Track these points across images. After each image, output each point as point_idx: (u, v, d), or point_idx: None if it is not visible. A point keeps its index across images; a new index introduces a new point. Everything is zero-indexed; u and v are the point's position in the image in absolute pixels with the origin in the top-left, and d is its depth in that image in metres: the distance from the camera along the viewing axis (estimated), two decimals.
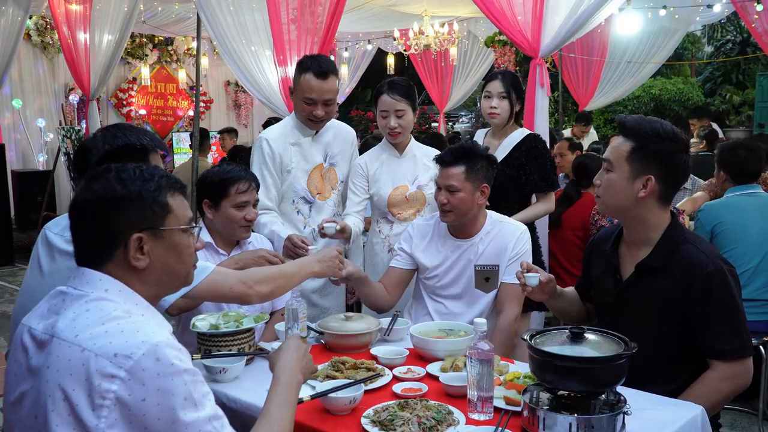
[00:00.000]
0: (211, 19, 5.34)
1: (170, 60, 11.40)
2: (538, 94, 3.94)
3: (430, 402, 1.93)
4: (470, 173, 2.72)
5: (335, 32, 4.85)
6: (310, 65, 3.08)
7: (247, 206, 2.78)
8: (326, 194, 3.27)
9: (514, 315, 2.74)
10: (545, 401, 1.80)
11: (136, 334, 1.33)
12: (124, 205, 1.44)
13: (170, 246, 1.50)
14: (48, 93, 10.07)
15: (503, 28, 4.03)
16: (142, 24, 8.86)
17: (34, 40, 9.76)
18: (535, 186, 3.41)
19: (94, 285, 1.43)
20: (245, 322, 2.40)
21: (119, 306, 1.40)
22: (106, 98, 10.79)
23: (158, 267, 1.48)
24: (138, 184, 1.47)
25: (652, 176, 2.10)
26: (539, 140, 3.49)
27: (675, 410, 1.95)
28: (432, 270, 2.86)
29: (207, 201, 2.79)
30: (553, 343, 1.82)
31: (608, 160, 2.19)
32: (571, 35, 3.88)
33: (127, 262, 1.45)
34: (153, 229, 1.46)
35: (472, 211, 2.76)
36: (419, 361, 2.35)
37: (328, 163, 3.28)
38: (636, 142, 2.12)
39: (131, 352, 1.30)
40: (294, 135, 3.22)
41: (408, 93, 3.24)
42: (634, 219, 2.20)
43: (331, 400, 1.94)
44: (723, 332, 2.07)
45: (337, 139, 3.31)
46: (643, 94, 14.11)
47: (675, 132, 2.12)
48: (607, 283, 2.31)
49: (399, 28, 8.52)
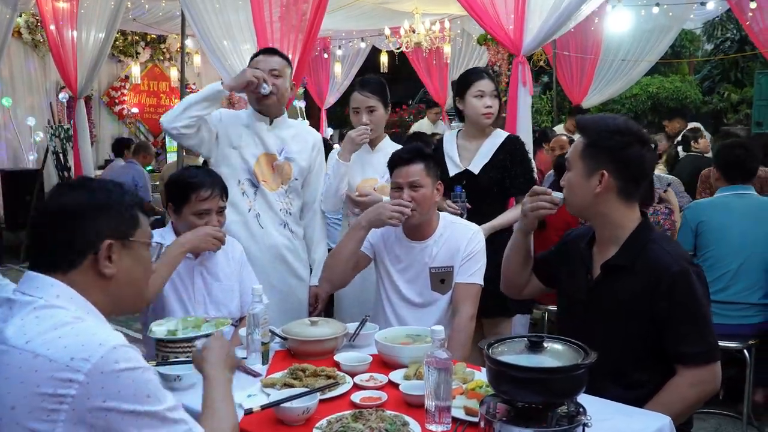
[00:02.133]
0: (195, 17, 5.31)
1: (163, 58, 11.34)
2: (521, 93, 3.86)
3: (385, 412, 1.87)
4: (428, 170, 2.75)
5: (318, 30, 4.78)
6: (259, 51, 3.28)
7: (209, 214, 2.69)
8: (273, 185, 3.18)
9: (470, 314, 2.72)
10: (503, 413, 1.73)
11: (92, 336, 1.33)
12: (102, 211, 1.48)
13: (136, 258, 1.54)
14: (39, 91, 10.01)
15: (485, 26, 3.97)
16: (132, 22, 8.80)
17: (25, 38, 9.70)
18: (520, 188, 3.33)
19: (44, 290, 1.41)
20: (204, 328, 2.34)
21: (70, 312, 1.39)
22: (98, 96, 10.73)
23: (123, 277, 1.51)
24: (117, 195, 1.53)
25: (604, 171, 2.07)
26: (520, 142, 3.43)
27: (640, 420, 1.89)
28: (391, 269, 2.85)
29: (170, 204, 2.72)
30: (511, 353, 1.75)
31: (567, 159, 2.18)
32: (553, 33, 3.82)
33: (96, 269, 1.47)
34: (123, 238, 1.50)
35: (431, 210, 2.77)
36: (383, 368, 2.29)
37: (283, 156, 3.19)
38: (587, 139, 2.11)
39: (89, 354, 1.29)
40: (248, 119, 3.20)
41: (379, 90, 3.27)
42: (597, 217, 2.16)
43: (283, 411, 1.88)
44: (687, 335, 2.02)
45: (297, 139, 3.24)
46: (641, 92, 14.03)
47: (627, 126, 2.09)
48: (577, 281, 2.26)
49: (390, 25, 8.46)
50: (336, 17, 8.49)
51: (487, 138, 3.37)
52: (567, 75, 9.40)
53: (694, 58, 15.53)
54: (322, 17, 4.70)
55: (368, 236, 2.86)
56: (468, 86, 3.32)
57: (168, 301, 2.69)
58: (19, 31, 9.48)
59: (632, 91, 13.59)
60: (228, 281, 2.81)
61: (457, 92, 3.39)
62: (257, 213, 3.15)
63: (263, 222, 3.15)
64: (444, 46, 9.25)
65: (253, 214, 3.15)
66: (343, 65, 10.94)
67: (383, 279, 2.89)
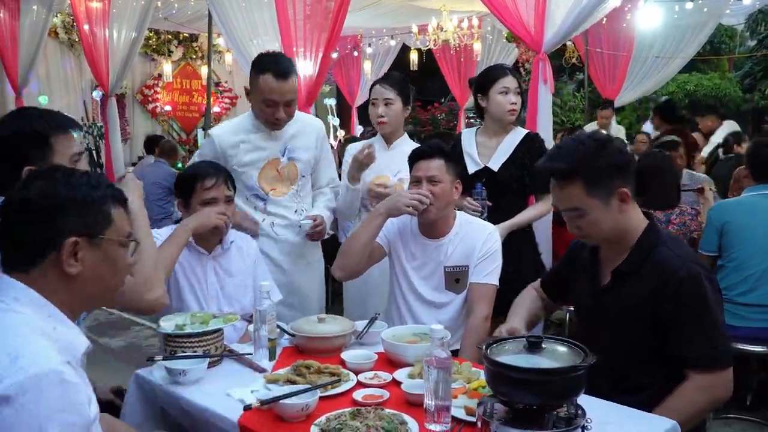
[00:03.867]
0: (222, 16, 5.37)
1: (195, 56, 11.46)
2: (541, 90, 3.81)
3: (384, 411, 1.85)
4: (448, 167, 2.75)
5: (342, 27, 4.79)
6: (268, 65, 2.92)
7: (216, 203, 2.71)
8: (282, 189, 3.15)
9: (485, 315, 2.69)
10: (501, 414, 1.71)
11: (14, 360, 1.24)
12: (67, 207, 1.42)
13: (106, 257, 1.48)
14: (75, 90, 10.21)
15: (506, 22, 3.92)
16: (164, 21, 8.92)
17: (61, 38, 9.91)
18: (540, 186, 3.29)
19: (4, 293, 1.38)
20: (213, 323, 2.34)
21: (24, 319, 1.34)
22: (132, 94, 10.90)
23: (89, 276, 1.45)
24: (85, 189, 1.45)
25: (622, 188, 2.02)
26: (540, 139, 3.40)
27: (645, 424, 1.85)
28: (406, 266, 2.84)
29: (180, 200, 2.75)
30: (509, 353, 1.72)
31: (573, 209, 2.06)
32: (575, 29, 3.76)
33: (59, 268, 1.41)
34: (91, 236, 1.44)
35: (448, 207, 2.76)
36: (389, 367, 2.27)
37: (286, 157, 3.14)
38: (583, 177, 2.01)
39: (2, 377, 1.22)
40: (245, 132, 3.09)
41: (399, 84, 3.27)
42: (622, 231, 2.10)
43: (283, 407, 1.88)
44: (693, 339, 1.97)
45: (302, 134, 3.18)
46: (677, 90, 13.78)
47: (594, 139, 2.04)
48: (585, 288, 2.23)
49: (418, 23, 8.43)
50: (365, 15, 8.50)
51: (507, 135, 3.33)
52: (600, 72, 9.27)
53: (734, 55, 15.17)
54: (346, 14, 4.71)
55: (384, 230, 2.84)
56: (492, 83, 3.28)
57: (182, 295, 2.72)
58: (55, 31, 9.69)
59: (668, 89, 13.35)
60: (241, 277, 2.83)
61: (479, 89, 3.34)
62: (272, 222, 3.14)
63: (278, 230, 3.14)
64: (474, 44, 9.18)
65: (269, 222, 3.14)
66: (373, 63, 10.94)
67: (398, 275, 2.88)
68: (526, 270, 3.23)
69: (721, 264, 3.59)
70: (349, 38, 10.65)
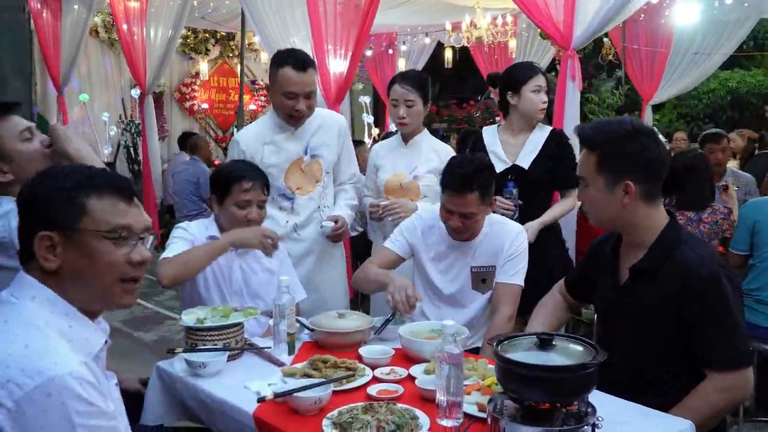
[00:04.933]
0: (254, 14, 5.42)
1: (232, 55, 11.58)
2: (569, 88, 3.77)
3: (396, 406, 1.87)
4: (484, 197, 2.62)
5: (371, 24, 4.80)
6: (286, 59, 2.98)
7: (250, 206, 2.73)
8: (308, 188, 3.17)
9: (509, 315, 2.67)
10: (511, 411, 1.71)
11: (37, 362, 1.26)
12: (35, 203, 1.41)
13: (83, 250, 1.40)
14: (114, 88, 10.41)
15: (534, 18, 3.89)
16: (200, 20, 9.03)
17: (102, 37, 10.10)
18: (569, 181, 3.28)
19: (22, 291, 1.40)
20: (233, 317, 2.38)
21: (41, 318, 1.35)
22: (170, 93, 11.07)
23: (69, 271, 1.40)
24: (52, 183, 1.42)
25: (629, 181, 1.99)
26: (565, 135, 3.37)
27: (659, 423, 1.83)
28: (430, 267, 2.82)
29: (214, 195, 2.78)
30: (519, 350, 1.72)
31: (582, 177, 2.09)
32: (605, 25, 3.70)
33: (38, 264, 1.40)
34: (64, 229, 1.39)
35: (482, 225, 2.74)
36: (405, 362, 2.29)
37: (309, 155, 3.16)
38: (600, 152, 2.01)
39: (24, 382, 1.23)
40: (269, 134, 3.13)
41: (419, 85, 3.25)
42: (626, 225, 2.10)
43: (296, 400, 1.91)
44: (715, 340, 1.94)
45: (322, 130, 3.19)
46: (719, 87, 13.52)
47: (635, 127, 2.00)
48: (605, 286, 2.21)
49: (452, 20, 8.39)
50: (400, 12, 8.50)
51: (533, 132, 3.31)
52: (637, 69, 9.11)
53: None
54: (376, 11, 4.72)
55: (406, 236, 2.86)
56: (525, 81, 3.25)
57: (207, 290, 2.76)
58: (96, 30, 9.88)
59: (709, 86, 13.11)
60: (266, 274, 2.86)
61: (510, 86, 3.30)
62: (294, 224, 3.17)
63: (301, 231, 3.17)
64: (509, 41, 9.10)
65: (290, 225, 3.17)
66: (408, 61, 10.91)
67: (420, 276, 2.88)
68: (554, 267, 3.22)
69: (753, 263, 3.52)
70: (384, 36, 10.65)
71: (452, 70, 10.58)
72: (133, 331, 5.51)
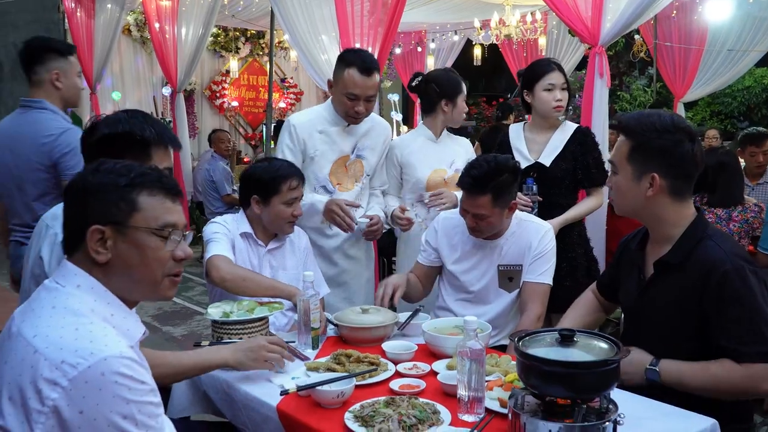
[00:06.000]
0: (283, 12, 5.45)
1: (262, 53, 11.67)
2: (597, 85, 3.74)
3: (418, 400, 1.88)
4: (497, 199, 2.59)
5: (399, 21, 4.80)
6: (354, 60, 3.02)
7: (296, 202, 2.77)
8: (348, 185, 3.21)
9: (537, 314, 2.66)
10: (532, 406, 1.71)
11: (88, 344, 1.30)
12: (90, 195, 1.44)
13: (133, 245, 1.45)
14: (146, 85, 10.56)
15: (561, 14, 3.86)
16: (231, 18, 9.11)
17: (134, 36, 10.25)
18: (593, 179, 3.26)
19: (68, 279, 1.43)
20: (258, 311, 2.41)
21: (86, 305, 1.39)
22: (201, 90, 11.18)
23: (119, 265, 1.45)
24: (109, 177, 1.46)
25: (655, 174, 1.98)
26: (590, 133, 3.35)
27: (682, 422, 1.82)
28: (455, 267, 2.82)
29: (256, 197, 2.78)
30: (541, 346, 1.72)
31: (612, 162, 2.09)
32: (634, 21, 3.65)
33: (89, 255, 1.44)
34: (117, 224, 1.43)
35: (501, 226, 2.72)
36: (428, 358, 2.30)
37: (355, 154, 3.22)
38: (634, 141, 2.02)
39: (77, 362, 1.27)
40: (323, 123, 3.18)
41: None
42: (650, 218, 2.09)
43: (319, 393, 1.93)
44: (740, 333, 1.91)
45: (372, 133, 3.25)
46: (754, 85, 13.25)
47: (674, 123, 1.99)
48: (631, 283, 2.20)
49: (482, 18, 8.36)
50: (429, 10, 8.49)
51: (556, 131, 3.29)
52: (669, 66, 8.98)
53: None
54: (403, 8, 4.72)
55: (431, 243, 2.89)
56: (537, 79, 3.22)
57: None
58: (128, 28, 10.03)
59: (744, 83, 12.87)
60: (294, 270, 2.88)
61: (525, 84, 3.29)
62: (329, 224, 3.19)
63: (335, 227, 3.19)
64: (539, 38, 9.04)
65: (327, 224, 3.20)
66: (437, 58, 10.89)
67: (445, 275, 2.89)
68: (576, 266, 3.21)
69: None
70: (413, 33, 10.64)
71: (482, 68, 10.54)
72: (161, 325, 5.60)
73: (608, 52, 3.84)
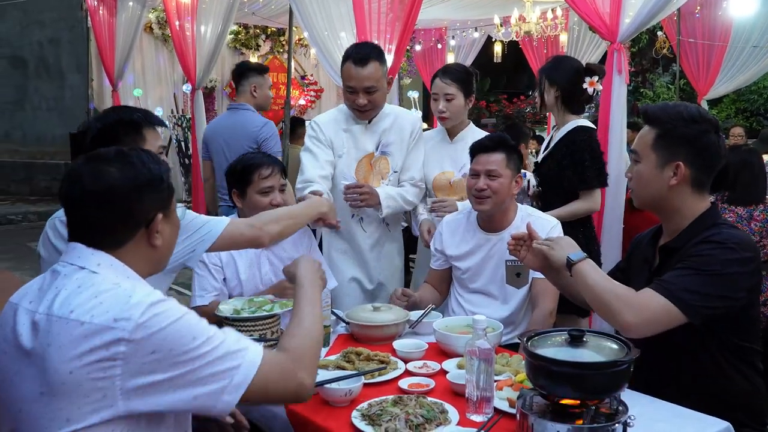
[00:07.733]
0: (301, 10, 5.45)
1: (282, 50, 11.67)
2: (615, 82, 3.68)
3: (426, 399, 1.87)
4: (509, 161, 2.70)
5: (416, 18, 4.79)
6: (350, 53, 3.04)
7: (272, 191, 2.76)
8: (374, 183, 3.15)
9: (549, 310, 2.63)
10: (541, 407, 1.69)
11: (129, 299, 1.38)
12: (147, 188, 1.51)
13: (173, 224, 1.61)
14: (167, 83, 10.62)
15: (578, 11, 3.81)
16: (251, 15, 9.12)
17: (156, 33, 10.32)
18: (569, 184, 3.20)
19: (86, 259, 1.47)
20: (269, 308, 2.41)
21: (109, 278, 1.44)
22: (221, 87, 11.23)
23: (166, 245, 1.58)
24: (155, 167, 1.54)
25: (680, 162, 1.96)
26: (579, 134, 3.23)
27: (695, 423, 1.80)
28: (462, 264, 2.81)
29: (235, 191, 2.79)
30: (550, 346, 1.70)
31: (635, 151, 2.07)
32: (653, 17, 3.60)
33: (146, 242, 1.53)
34: (167, 208, 1.56)
35: (507, 201, 2.72)
36: (439, 356, 2.29)
37: (379, 152, 3.17)
38: (659, 129, 2.00)
39: (130, 315, 1.35)
40: (347, 122, 3.17)
41: (460, 78, 3.22)
42: (668, 209, 2.05)
43: (327, 391, 1.92)
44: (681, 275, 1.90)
45: (394, 127, 3.18)
46: None
47: (700, 113, 1.99)
48: (641, 277, 2.16)
49: (502, 14, 8.31)
50: (449, 7, 8.45)
51: (562, 127, 3.30)
52: (693, 63, 8.86)
53: None
54: (420, 4, 4.70)
55: (437, 247, 2.89)
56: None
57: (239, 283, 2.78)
58: (150, 26, 10.10)
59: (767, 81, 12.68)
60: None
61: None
62: (360, 217, 3.19)
63: (366, 225, 3.19)
64: (560, 35, 8.96)
65: (357, 219, 3.19)
66: (458, 55, 10.83)
67: (454, 272, 2.88)
68: None
69: None
70: (434, 30, 10.61)
71: (503, 66, 10.47)
72: None
73: (631, 49, 3.79)
